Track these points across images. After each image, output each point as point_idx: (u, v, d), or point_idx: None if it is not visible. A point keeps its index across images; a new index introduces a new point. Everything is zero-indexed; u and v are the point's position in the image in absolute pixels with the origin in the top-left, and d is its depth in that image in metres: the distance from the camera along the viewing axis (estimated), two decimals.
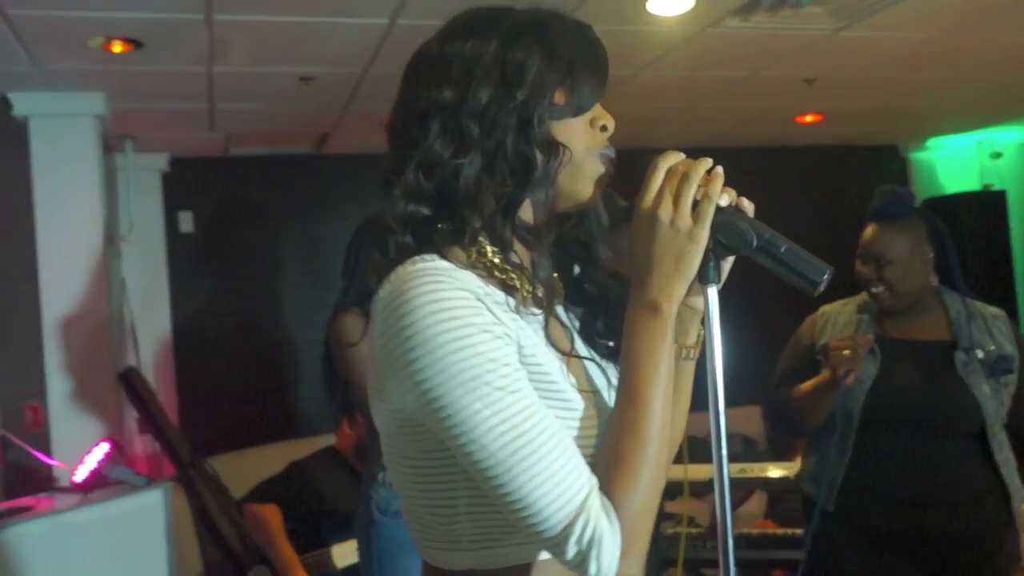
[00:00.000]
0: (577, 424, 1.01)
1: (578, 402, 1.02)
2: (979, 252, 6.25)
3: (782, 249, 1.01)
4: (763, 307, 5.97)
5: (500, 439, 0.92)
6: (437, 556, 1.06)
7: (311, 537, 3.47)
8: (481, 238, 1.05)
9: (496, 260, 1.05)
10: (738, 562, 3.43)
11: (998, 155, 6.65)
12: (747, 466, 3.63)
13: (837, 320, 2.46)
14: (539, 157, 1.03)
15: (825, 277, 1.00)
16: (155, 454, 4.35)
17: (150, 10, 3.09)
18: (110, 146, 4.64)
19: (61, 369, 3.88)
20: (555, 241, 1.14)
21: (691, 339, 1.14)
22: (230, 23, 3.24)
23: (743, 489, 3.88)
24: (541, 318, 1.06)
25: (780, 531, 3.55)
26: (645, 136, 5.69)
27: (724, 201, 1.01)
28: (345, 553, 3.35)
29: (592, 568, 0.92)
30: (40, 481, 3.61)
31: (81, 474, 3.22)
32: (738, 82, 4.56)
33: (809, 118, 5.56)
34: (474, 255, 1.04)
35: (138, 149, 4.84)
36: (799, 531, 3.22)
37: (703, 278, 1.05)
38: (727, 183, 1.03)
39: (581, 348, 1.14)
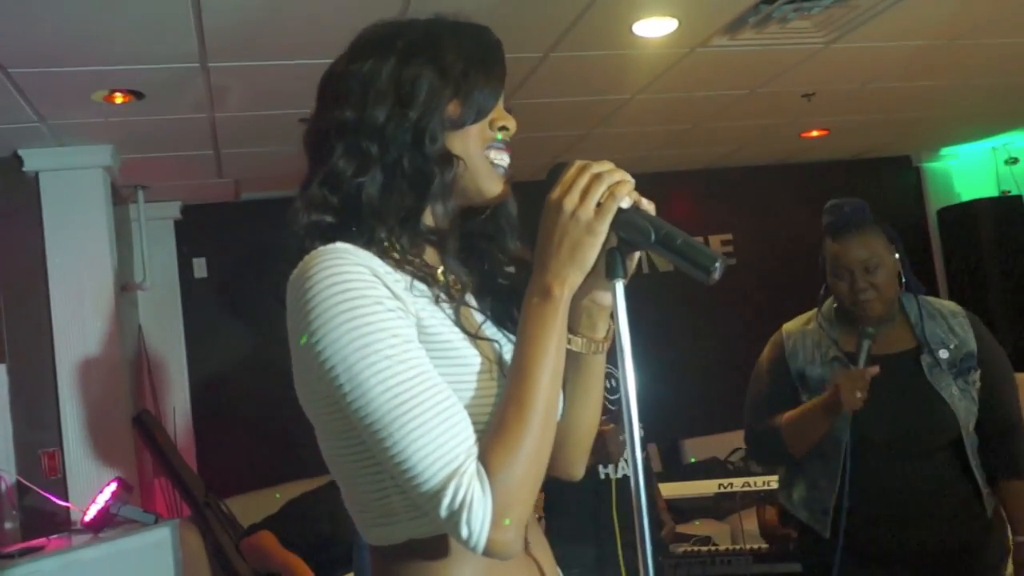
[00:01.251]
0: (474, 385, 1.06)
1: (476, 365, 1.07)
2: (998, 258, 6.18)
3: (678, 242, 1.05)
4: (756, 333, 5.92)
5: (387, 404, 0.96)
6: (378, 534, 1.10)
7: (313, 572, 3.49)
8: (386, 241, 1.11)
9: (400, 256, 1.11)
10: None
11: (1014, 160, 6.59)
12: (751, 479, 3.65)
13: (805, 341, 2.40)
14: (436, 171, 1.09)
15: (717, 265, 1.04)
16: (174, 494, 4.41)
17: (147, 61, 3.19)
18: (123, 197, 4.77)
19: (76, 416, 3.96)
20: (466, 235, 1.21)
21: (600, 333, 1.17)
22: (226, 69, 3.34)
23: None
24: (451, 306, 1.12)
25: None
26: (652, 159, 5.72)
27: (626, 204, 1.05)
28: None
29: (463, 531, 0.95)
30: (59, 525, 3.70)
31: (91, 514, 3.28)
32: (737, 100, 4.58)
33: (815, 133, 5.56)
34: (382, 251, 1.10)
35: (150, 199, 4.95)
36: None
37: (610, 273, 1.08)
38: (734, 203, 1.07)
39: (494, 334, 1.19)
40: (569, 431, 1.23)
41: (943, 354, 2.26)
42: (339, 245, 1.03)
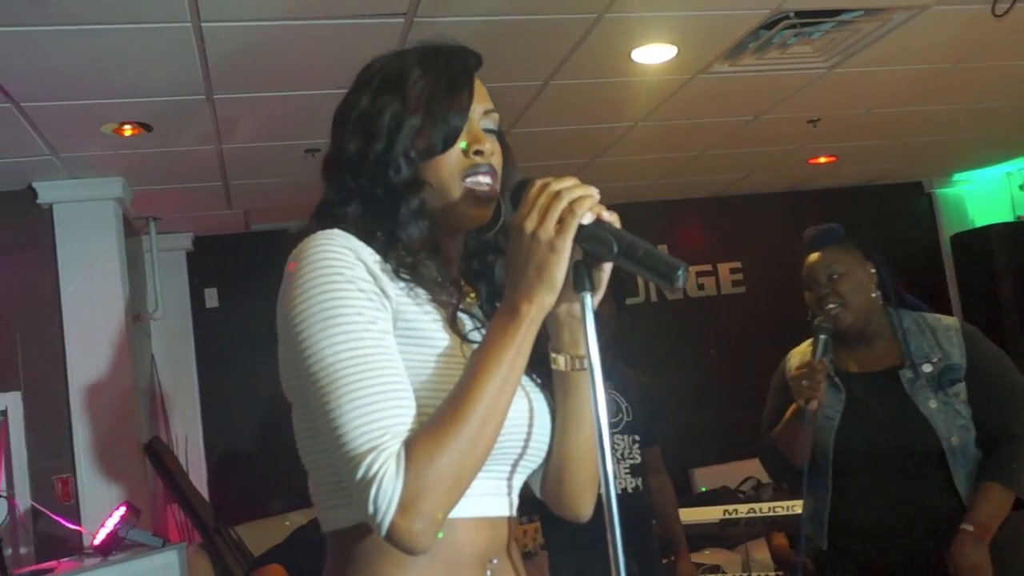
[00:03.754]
0: (444, 372, 1.09)
1: (449, 354, 1.11)
2: (1013, 284, 6.12)
3: (639, 252, 1.06)
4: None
5: (335, 372, 1.02)
6: (334, 517, 1.13)
7: None
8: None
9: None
10: None
11: None
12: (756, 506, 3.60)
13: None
14: (400, 199, 1.15)
15: (680, 273, 1.05)
16: (186, 521, 4.44)
17: (155, 94, 3.27)
18: (136, 229, 4.86)
19: (89, 443, 4.02)
20: (478, 248, 1.27)
21: (582, 349, 1.17)
22: (231, 101, 3.41)
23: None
24: (442, 311, 1.16)
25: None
26: (658, 188, 5.74)
27: (588, 219, 1.07)
28: None
29: (370, 507, 0.98)
30: (71, 549, 3.75)
31: (100, 537, 3.32)
32: (741, 127, 4.60)
33: (823, 159, 5.56)
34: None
35: (162, 230, 5.05)
36: None
37: (577, 286, 1.10)
38: (742, 232, 1.06)
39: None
40: (565, 463, 1.24)
41: (926, 368, 2.28)
42: (334, 230, 1.10)
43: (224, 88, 3.28)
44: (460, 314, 1.19)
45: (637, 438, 3.21)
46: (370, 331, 1.04)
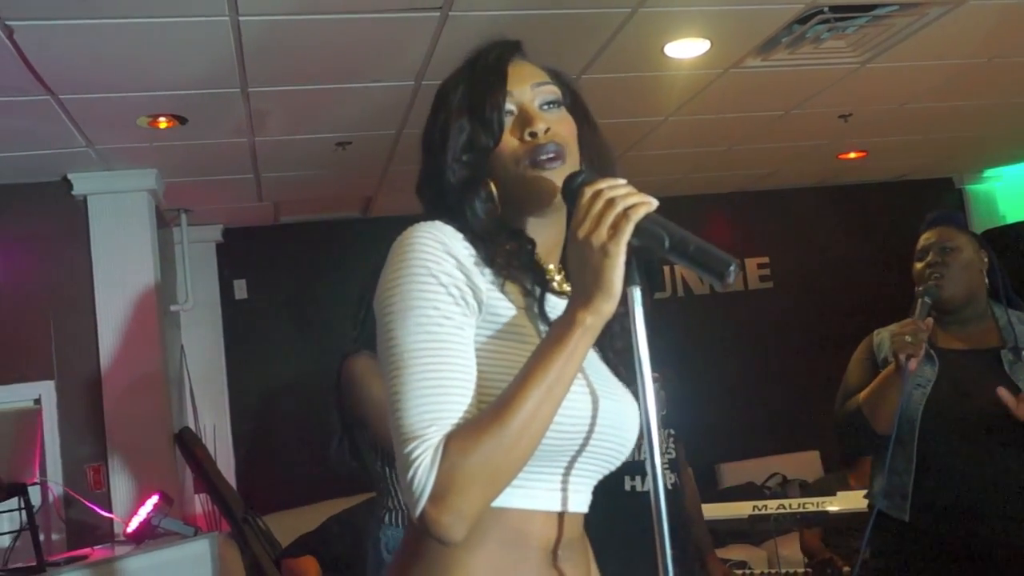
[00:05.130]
0: (518, 357, 1.11)
1: (530, 344, 1.13)
2: None
3: (691, 248, 1.06)
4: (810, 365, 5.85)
5: (402, 361, 1.07)
6: None
7: None
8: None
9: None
10: None
11: None
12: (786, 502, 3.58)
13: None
14: (463, 201, 1.20)
15: (731, 269, 1.05)
16: (214, 510, 4.48)
17: (190, 87, 3.29)
18: (167, 220, 4.90)
19: (121, 432, 4.06)
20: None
21: None
22: (265, 94, 3.43)
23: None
24: (531, 302, 1.20)
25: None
26: (687, 182, 5.73)
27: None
28: None
29: (406, 488, 1.02)
30: (103, 536, 3.81)
31: (133, 525, 3.36)
32: (772, 122, 4.58)
33: (853, 155, 5.52)
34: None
35: (193, 222, 5.09)
36: None
37: (627, 280, 1.09)
38: (770, 226, 1.05)
39: None
40: None
41: None
42: (435, 222, 1.14)
43: (258, 81, 3.29)
44: (551, 304, 1.20)
45: (672, 432, 3.16)
46: (443, 326, 1.07)
